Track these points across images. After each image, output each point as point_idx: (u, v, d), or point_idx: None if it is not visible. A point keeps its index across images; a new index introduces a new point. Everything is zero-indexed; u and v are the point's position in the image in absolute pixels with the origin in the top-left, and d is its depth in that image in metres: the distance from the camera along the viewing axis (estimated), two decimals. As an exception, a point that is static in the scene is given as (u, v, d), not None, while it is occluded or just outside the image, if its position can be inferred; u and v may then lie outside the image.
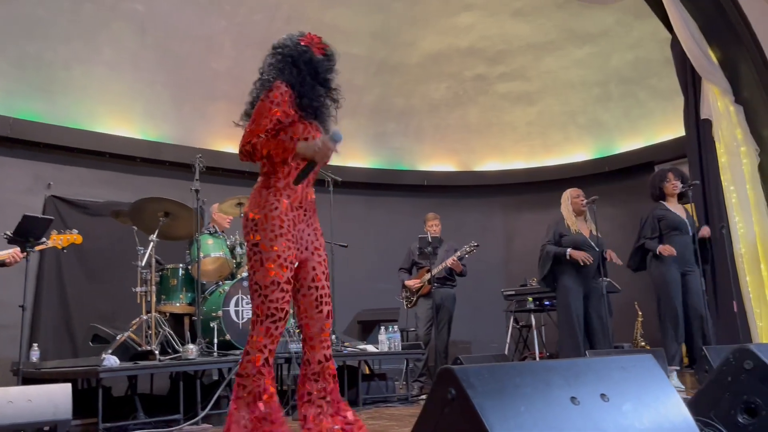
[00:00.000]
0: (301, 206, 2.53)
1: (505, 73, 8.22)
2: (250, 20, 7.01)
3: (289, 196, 2.49)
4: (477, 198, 8.80)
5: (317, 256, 2.58)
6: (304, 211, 2.54)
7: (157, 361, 4.33)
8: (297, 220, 2.51)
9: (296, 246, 2.49)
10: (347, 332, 7.57)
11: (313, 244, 2.58)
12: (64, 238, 4.34)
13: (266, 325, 2.38)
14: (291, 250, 2.44)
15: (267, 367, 2.39)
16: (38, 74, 6.35)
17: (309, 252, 2.57)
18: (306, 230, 2.56)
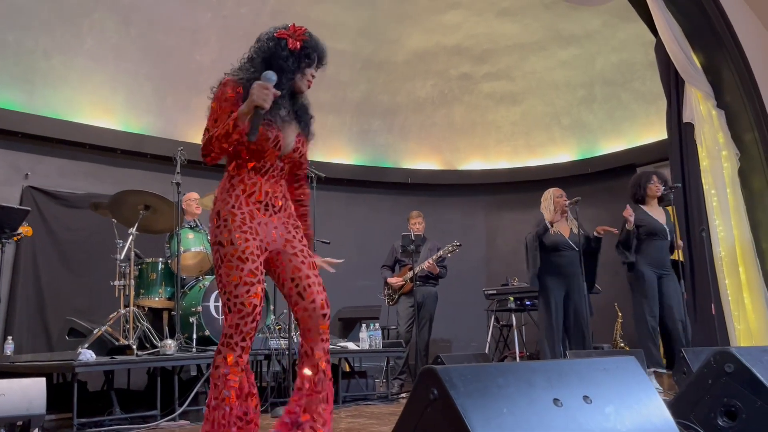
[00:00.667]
0: (262, 201, 2.45)
1: (490, 73, 8.23)
2: (236, 13, 6.95)
3: (243, 190, 2.43)
4: (460, 197, 8.81)
5: (290, 248, 2.47)
6: (265, 206, 2.45)
7: (134, 356, 4.27)
8: (254, 214, 2.42)
9: (258, 240, 2.39)
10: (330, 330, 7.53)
11: (283, 237, 2.48)
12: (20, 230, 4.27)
13: (235, 321, 2.31)
14: (249, 242, 2.36)
15: (239, 365, 2.33)
16: (18, 63, 6.23)
17: (279, 245, 2.47)
18: (270, 223, 2.45)
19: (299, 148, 2.49)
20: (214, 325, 4.78)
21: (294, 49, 2.48)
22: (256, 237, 2.37)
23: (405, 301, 6.06)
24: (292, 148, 2.47)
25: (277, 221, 2.46)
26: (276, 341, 4.54)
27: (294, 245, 2.48)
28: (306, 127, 2.56)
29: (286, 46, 2.47)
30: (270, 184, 2.45)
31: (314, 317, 2.43)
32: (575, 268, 5.09)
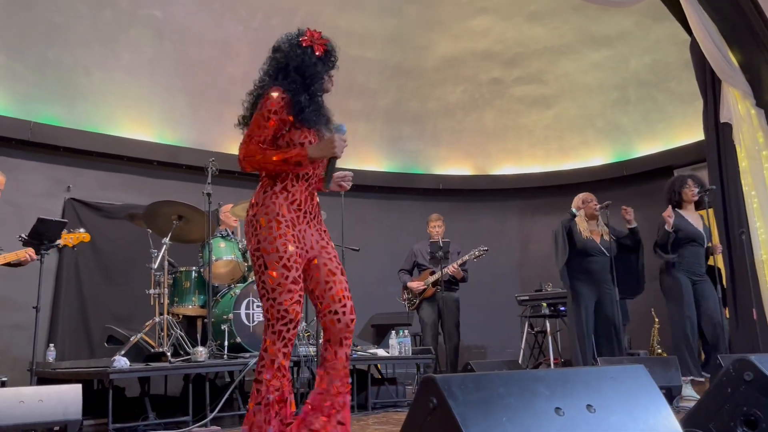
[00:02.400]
0: (301, 209, 2.52)
1: (521, 77, 8.17)
2: (266, 25, 7.07)
3: (286, 198, 2.50)
4: (492, 202, 8.75)
5: (326, 253, 2.56)
6: (304, 213, 2.53)
7: (167, 363, 4.38)
8: (296, 221, 2.49)
9: (299, 246, 2.46)
10: (361, 336, 7.57)
11: (318, 243, 2.56)
12: (74, 236, 4.41)
13: (278, 328, 2.37)
14: (292, 251, 2.42)
15: (282, 371, 2.38)
16: (58, 79, 6.47)
17: (315, 251, 2.55)
18: (308, 230, 2.53)
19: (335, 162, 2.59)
20: (246, 332, 4.86)
21: (320, 56, 2.59)
22: (298, 245, 2.46)
23: (427, 307, 6.05)
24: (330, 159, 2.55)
25: (313, 228, 2.55)
26: (305, 348, 4.59)
27: (328, 251, 2.57)
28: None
29: (313, 52, 2.58)
30: (309, 191, 2.55)
31: (342, 321, 2.50)
32: (606, 274, 5.00)
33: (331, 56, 2.64)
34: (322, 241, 2.57)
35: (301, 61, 2.57)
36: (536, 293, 7.00)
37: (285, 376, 2.40)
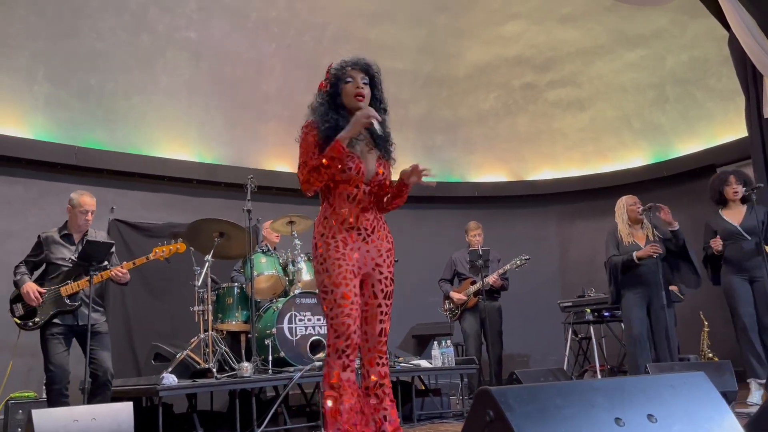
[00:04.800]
0: (353, 227, 2.61)
1: (554, 80, 8.10)
2: (298, 42, 7.16)
3: (336, 219, 2.62)
4: (530, 208, 8.67)
5: (378, 273, 2.64)
6: (357, 231, 2.61)
7: (213, 379, 4.43)
8: (348, 240, 2.60)
9: (352, 264, 2.57)
10: (402, 347, 7.55)
11: (374, 261, 2.64)
12: (167, 249, 4.53)
13: (332, 340, 2.51)
14: (342, 268, 2.54)
15: (343, 380, 2.48)
16: (100, 104, 6.66)
17: (369, 268, 2.64)
18: (363, 247, 2.62)
19: (383, 172, 2.69)
20: (289, 346, 4.89)
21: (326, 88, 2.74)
22: (349, 262, 2.56)
23: (470, 318, 5.99)
24: (374, 173, 2.65)
25: (370, 245, 2.63)
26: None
27: (382, 271, 2.65)
28: (386, 153, 2.76)
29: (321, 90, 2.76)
30: (359, 209, 2.62)
31: (372, 341, 2.61)
32: (655, 277, 4.86)
33: (337, 74, 2.72)
34: (378, 258, 2.65)
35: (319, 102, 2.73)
36: (579, 299, 6.88)
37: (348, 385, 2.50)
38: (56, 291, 4.23)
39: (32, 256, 4.41)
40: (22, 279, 4.26)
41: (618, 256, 4.96)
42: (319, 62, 7.48)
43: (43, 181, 6.34)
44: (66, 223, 4.48)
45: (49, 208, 6.11)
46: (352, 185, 2.62)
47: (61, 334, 4.22)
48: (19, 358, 5.52)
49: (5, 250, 5.71)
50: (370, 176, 2.65)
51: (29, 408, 4.77)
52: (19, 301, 4.29)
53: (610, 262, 5.01)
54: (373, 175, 2.66)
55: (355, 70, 2.71)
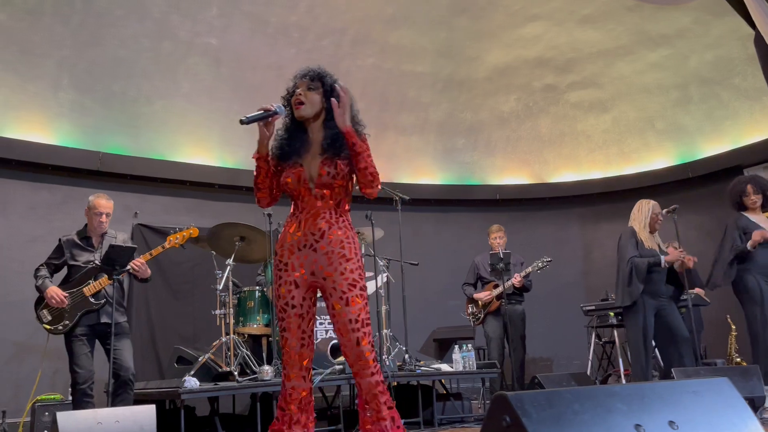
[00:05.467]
0: (298, 235, 2.58)
1: (576, 82, 8.02)
2: (318, 46, 7.19)
3: (286, 229, 2.64)
4: (552, 210, 8.59)
5: (330, 282, 2.52)
6: (305, 238, 2.56)
7: (235, 383, 4.46)
8: (295, 248, 2.58)
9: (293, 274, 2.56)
10: (423, 351, 7.52)
11: (323, 271, 2.54)
12: (180, 236, 4.55)
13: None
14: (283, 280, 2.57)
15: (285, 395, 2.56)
16: (123, 110, 6.76)
17: (320, 278, 2.56)
18: (311, 256, 2.56)
19: (326, 172, 2.56)
20: (309, 350, 4.90)
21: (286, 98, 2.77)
22: (291, 272, 2.56)
23: (492, 322, 5.94)
24: (318, 174, 2.57)
25: (319, 252, 2.54)
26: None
27: (333, 279, 2.52)
28: (332, 151, 2.59)
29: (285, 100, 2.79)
30: (308, 215, 2.58)
31: (353, 354, 2.50)
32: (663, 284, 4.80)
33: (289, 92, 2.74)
34: (328, 267, 2.53)
35: None
36: (602, 303, 6.79)
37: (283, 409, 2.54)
38: (80, 292, 4.30)
39: (53, 259, 4.48)
40: (44, 284, 4.32)
41: (640, 257, 4.86)
42: (338, 67, 7.56)
43: (67, 187, 6.45)
44: (85, 226, 4.55)
45: (74, 213, 6.20)
46: (298, 192, 2.59)
47: (84, 335, 4.29)
48: (46, 361, 5.62)
49: (31, 254, 5.79)
50: (314, 180, 2.58)
51: (55, 410, 4.85)
52: (44, 307, 4.36)
53: (632, 263, 4.89)
54: (318, 178, 2.57)
55: (299, 80, 2.70)
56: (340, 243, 2.54)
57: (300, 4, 6.84)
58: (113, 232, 4.60)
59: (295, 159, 2.61)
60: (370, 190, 2.60)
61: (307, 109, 2.64)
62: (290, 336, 2.52)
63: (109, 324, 4.27)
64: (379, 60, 7.57)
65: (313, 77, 2.67)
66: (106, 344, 4.35)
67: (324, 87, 2.65)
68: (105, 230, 4.53)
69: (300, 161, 2.61)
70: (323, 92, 2.65)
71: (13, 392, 5.57)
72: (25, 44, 6.03)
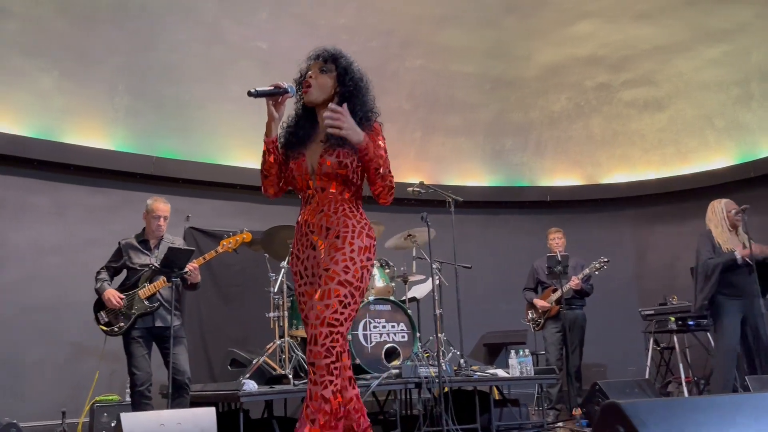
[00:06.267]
0: (306, 232, 2.43)
1: (630, 80, 7.80)
2: (366, 48, 7.16)
3: (297, 227, 2.50)
4: (604, 212, 8.37)
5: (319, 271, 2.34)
6: (313, 234, 2.40)
7: (291, 386, 4.43)
8: (306, 245, 2.43)
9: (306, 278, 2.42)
10: (473, 356, 7.40)
11: (320, 268, 2.35)
12: (233, 240, 4.57)
13: None
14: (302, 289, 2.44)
15: None
16: (175, 115, 6.84)
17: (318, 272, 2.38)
18: (312, 254, 2.41)
19: (329, 162, 2.35)
20: (364, 353, 4.85)
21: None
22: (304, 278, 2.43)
23: (551, 326, 5.80)
24: (318, 164, 2.37)
25: (319, 249, 2.36)
26: (425, 368, 4.51)
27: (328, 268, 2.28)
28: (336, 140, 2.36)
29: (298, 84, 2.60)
30: (313, 210, 2.40)
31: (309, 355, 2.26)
32: (751, 285, 4.55)
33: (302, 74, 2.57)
34: (326, 257, 2.31)
35: None
36: (661, 307, 6.56)
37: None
38: (135, 295, 4.35)
39: (112, 262, 4.55)
40: (102, 286, 4.39)
41: (713, 258, 4.65)
42: (386, 68, 7.52)
43: (122, 191, 6.56)
44: (143, 230, 4.60)
45: (129, 216, 6.30)
46: (300, 185, 2.43)
47: (141, 337, 4.32)
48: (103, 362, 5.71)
49: (89, 257, 5.91)
50: (315, 171, 2.39)
51: (113, 411, 4.92)
52: (102, 309, 4.41)
53: (706, 265, 4.67)
54: (318, 168, 2.37)
55: (312, 62, 2.51)
56: (335, 233, 2.34)
57: (348, 6, 6.82)
58: (170, 237, 4.64)
59: (299, 149, 2.45)
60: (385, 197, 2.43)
61: (315, 93, 2.44)
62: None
63: (163, 327, 4.31)
64: (427, 61, 7.49)
65: (327, 58, 2.48)
66: (161, 347, 4.38)
67: (338, 69, 2.47)
68: (163, 233, 4.56)
69: (303, 151, 2.44)
70: (336, 75, 2.47)
71: (72, 392, 5.66)
72: (83, 51, 6.15)
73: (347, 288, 2.21)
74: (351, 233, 2.31)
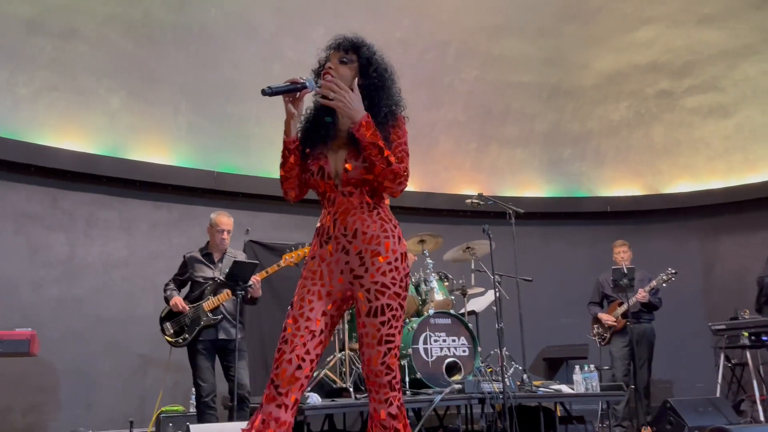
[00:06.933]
0: (330, 236, 2.19)
1: (693, 86, 7.56)
2: (422, 60, 7.17)
3: (318, 230, 2.27)
4: (668, 223, 8.11)
5: (358, 287, 2.14)
6: (336, 240, 2.18)
7: (352, 399, 4.43)
8: (326, 254, 2.19)
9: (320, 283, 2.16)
10: (532, 370, 7.25)
11: (353, 273, 2.16)
12: (295, 254, 4.63)
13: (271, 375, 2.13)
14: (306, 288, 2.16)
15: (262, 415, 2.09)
16: (236, 132, 6.98)
17: (347, 283, 2.18)
18: (343, 258, 2.17)
19: (351, 167, 2.17)
20: (426, 367, 4.80)
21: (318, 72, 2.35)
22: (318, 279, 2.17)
23: (618, 341, 5.63)
24: (343, 170, 2.18)
25: (351, 254, 2.16)
26: (488, 383, 4.43)
27: (363, 283, 2.13)
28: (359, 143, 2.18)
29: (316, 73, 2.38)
30: (338, 214, 2.19)
31: (369, 375, 2.14)
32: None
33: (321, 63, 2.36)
34: (360, 269, 2.14)
35: None
36: (733, 321, 6.27)
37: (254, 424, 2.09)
38: (199, 307, 4.44)
39: (179, 275, 4.68)
40: (170, 294, 4.53)
41: None
42: (442, 80, 7.51)
43: (184, 205, 6.72)
44: (207, 243, 4.70)
45: (190, 230, 6.46)
46: (323, 188, 2.23)
47: (205, 350, 4.41)
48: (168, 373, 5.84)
49: (153, 271, 6.09)
50: (340, 174, 2.19)
51: (178, 421, 5.02)
52: (168, 320, 4.52)
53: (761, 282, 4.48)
54: (344, 172, 2.18)
55: (333, 51, 2.30)
56: (376, 239, 2.15)
57: (404, 19, 6.85)
58: (232, 250, 4.73)
59: (321, 148, 2.26)
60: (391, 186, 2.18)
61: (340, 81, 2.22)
62: (289, 351, 2.09)
63: (226, 340, 4.38)
64: (483, 72, 7.44)
65: (348, 48, 2.27)
66: (223, 359, 4.46)
67: (360, 60, 2.27)
68: (226, 247, 4.66)
69: (325, 151, 2.25)
70: (359, 66, 2.27)
71: (139, 403, 5.81)
72: (148, 71, 6.36)
73: (397, 300, 2.13)
74: (392, 239, 2.17)
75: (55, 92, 5.99)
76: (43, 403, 5.57)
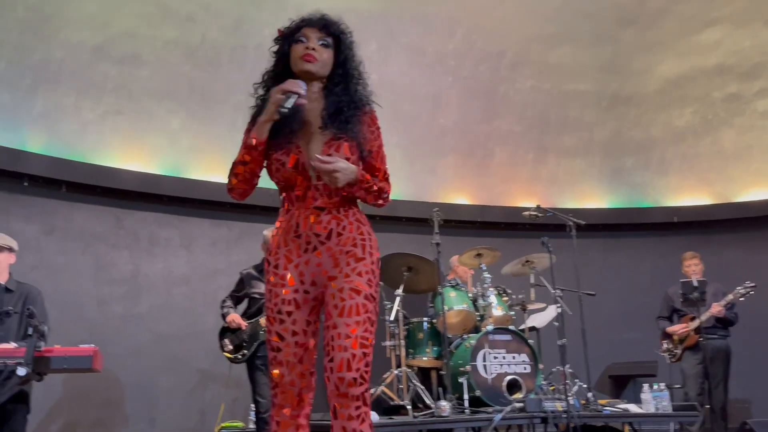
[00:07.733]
0: (299, 235, 2.00)
1: (765, 89, 7.19)
2: (475, 72, 7.09)
3: (280, 228, 2.05)
4: (740, 233, 7.69)
5: (332, 286, 1.95)
6: (307, 240, 1.99)
7: (411, 417, 4.34)
8: (293, 254, 1.99)
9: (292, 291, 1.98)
10: (598, 388, 6.96)
11: (326, 275, 1.98)
12: None
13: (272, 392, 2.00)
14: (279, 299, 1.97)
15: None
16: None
17: (320, 286, 2.00)
18: (313, 260, 1.98)
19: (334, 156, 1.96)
20: (485, 385, 4.67)
21: (280, 35, 2.14)
22: (290, 286, 1.98)
23: (691, 358, 5.33)
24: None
25: (324, 255, 1.98)
26: (551, 402, 4.26)
27: (337, 282, 1.94)
28: (337, 126, 2.04)
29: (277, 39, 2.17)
30: (310, 211, 2.00)
31: (331, 381, 1.86)
32: None
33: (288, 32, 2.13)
34: (334, 270, 1.97)
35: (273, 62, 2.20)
36: (820, 338, 5.86)
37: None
38: (256, 322, 4.46)
39: (235, 292, 4.72)
40: (227, 311, 4.58)
41: None
42: (496, 91, 7.40)
43: (242, 222, 6.81)
44: (263, 260, 4.72)
45: (249, 247, 6.52)
46: (293, 183, 2.02)
47: (264, 366, 4.41)
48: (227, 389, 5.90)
49: (213, 287, 6.18)
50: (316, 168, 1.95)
51: (238, 437, 5.04)
52: (227, 336, 4.56)
53: None
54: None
55: (310, 28, 2.07)
56: (352, 241, 1.99)
57: (457, 31, 6.80)
58: None
59: (288, 137, 2.03)
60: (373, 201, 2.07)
61: (318, 67, 2.06)
62: (288, 372, 1.96)
63: (284, 355, 4.36)
64: (539, 81, 7.29)
65: (330, 31, 2.10)
66: None
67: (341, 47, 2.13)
68: None
69: (295, 140, 2.03)
70: (334, 53, 2.11)
71: (199, 418, 5.88)
72: (206, 92, 6.52)
73: (372, 303, 1.95)
74: (369, 242, 2.01)
75: (119, 116, 6.21)
76: (108, 417, 5.71)
